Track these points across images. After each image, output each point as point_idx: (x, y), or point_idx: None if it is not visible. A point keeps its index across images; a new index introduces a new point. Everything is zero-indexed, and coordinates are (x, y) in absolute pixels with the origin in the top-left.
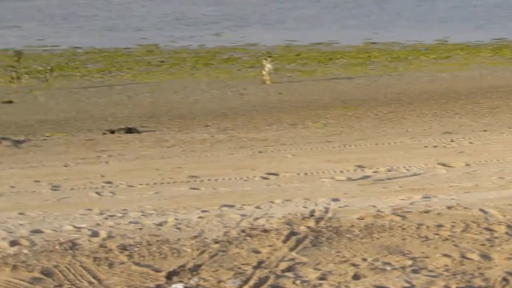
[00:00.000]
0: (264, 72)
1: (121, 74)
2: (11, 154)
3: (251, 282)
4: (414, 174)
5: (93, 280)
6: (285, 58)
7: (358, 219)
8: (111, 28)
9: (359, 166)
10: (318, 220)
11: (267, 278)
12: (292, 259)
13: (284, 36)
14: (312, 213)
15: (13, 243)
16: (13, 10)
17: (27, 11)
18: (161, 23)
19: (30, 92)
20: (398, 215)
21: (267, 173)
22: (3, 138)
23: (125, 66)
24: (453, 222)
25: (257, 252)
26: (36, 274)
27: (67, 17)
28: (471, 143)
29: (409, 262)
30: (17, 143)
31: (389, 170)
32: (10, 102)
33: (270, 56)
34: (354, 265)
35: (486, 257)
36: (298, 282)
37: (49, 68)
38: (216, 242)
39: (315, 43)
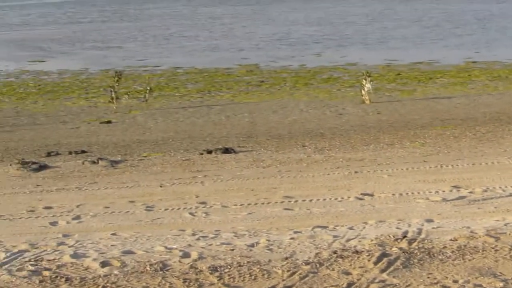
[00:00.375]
0: (363, 92)
1: (220, 94)
2: (107, 174)
3: None
4: (510, 195)
5: None
6: (385, 78)
7: (451, 240)
8: (213, 48)
9: (455, 187)
10: (410, 242)
11: None
12: (383, 281)
13: (384, 56)
14: (405, 234)
15: (104, 264)
16: (116, 31)
17: (130, 32)
18: (262, 43)
19: (129, 112)
20: (491, 237)
21: (362, 194)
22: (100, 158)
23: (225, 86)
24: None
25: (348, 273)
26: None
27: (169, 37)
28: None
29: (501, 284)
30: (113, 163)
31: (485, 191)
32: (109, 122)
33: (369, 76)
34: (444, 287)
35: None
36: None
37: (148, 88)
38: (307, 263)
39: (416, 62)
